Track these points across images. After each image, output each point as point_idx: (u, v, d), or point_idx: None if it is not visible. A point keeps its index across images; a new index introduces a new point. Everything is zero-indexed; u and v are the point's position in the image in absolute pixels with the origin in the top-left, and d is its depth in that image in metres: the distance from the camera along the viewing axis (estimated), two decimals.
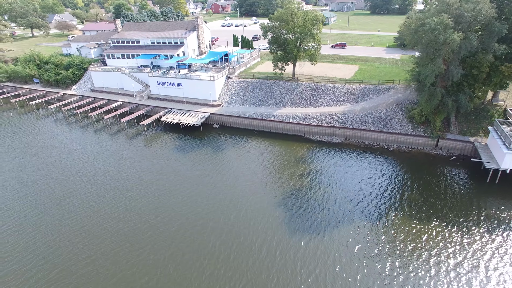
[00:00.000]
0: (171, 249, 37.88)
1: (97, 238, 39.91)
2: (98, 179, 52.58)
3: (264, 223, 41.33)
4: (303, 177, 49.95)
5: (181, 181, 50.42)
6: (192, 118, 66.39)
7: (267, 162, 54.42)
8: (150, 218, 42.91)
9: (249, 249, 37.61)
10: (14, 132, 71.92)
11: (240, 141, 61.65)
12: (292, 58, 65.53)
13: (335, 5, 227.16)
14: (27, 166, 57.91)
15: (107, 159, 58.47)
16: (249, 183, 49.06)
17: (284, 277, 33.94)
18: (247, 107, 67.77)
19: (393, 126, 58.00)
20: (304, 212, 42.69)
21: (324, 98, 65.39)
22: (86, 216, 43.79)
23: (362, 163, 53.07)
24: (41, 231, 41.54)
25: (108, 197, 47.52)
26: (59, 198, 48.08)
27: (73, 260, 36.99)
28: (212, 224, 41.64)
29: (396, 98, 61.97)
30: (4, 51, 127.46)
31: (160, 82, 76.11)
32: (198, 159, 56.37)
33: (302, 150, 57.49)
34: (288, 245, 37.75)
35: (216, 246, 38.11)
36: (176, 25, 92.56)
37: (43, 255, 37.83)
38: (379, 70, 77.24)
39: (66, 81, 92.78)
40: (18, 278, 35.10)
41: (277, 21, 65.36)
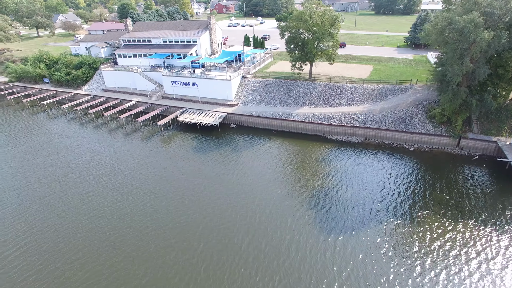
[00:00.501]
0: (200, 249, 37.46)
1: (123, 238, 39.42)
2: (118, 178, 52.13)
3: (291, 222, 41.00)
4: (326, 176, 49.69)
5: (203, 181, 50.00)
6: (209, 117, 65.99)
7: (288, 162, 54.12)
8: (176, 218, 42.49)
9: (278, 248, 37.28)
10: (28, 132, 71.39)
11: (259, 140, 61.31)
12: (310, 58, 65.16)
13: (339, 6, 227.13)
14: (45, 166, 57.39)
15: (125, 159, 58.01)
16: (272, 183, 48.73)
17: (316, 276, 33.66)
18: (264, 107, 67.43)
19: (414, 126, 57.77)
20: (329, 211, 42.45)
21: (342, 98, 65.12)
22: (110, 216, 43.32)
23: (384, 163, 52.83)
24: (66, 232, 41.00)
25: (130, 197, 47.06)
26: (80, 197, 47.58)
27: (100, 260, 36.51)
28: (239, 224, 41.27)
29: (415, 98, 61.75)
30: (12, 50, 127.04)
31: (174, 82, 75.70)
32: (218, 158, 55.98)
33: (322, 150, 57.19)
34: (317, 244, 37.49)
35: (245, 246, 37.74)
36: (188, 25, 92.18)
37: (68, 256, 37.32)
38: (394, 70, 77.07)
39: (77, 81, 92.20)
40: (50, 278, 34.61)
41: (296, 21, 64.90)
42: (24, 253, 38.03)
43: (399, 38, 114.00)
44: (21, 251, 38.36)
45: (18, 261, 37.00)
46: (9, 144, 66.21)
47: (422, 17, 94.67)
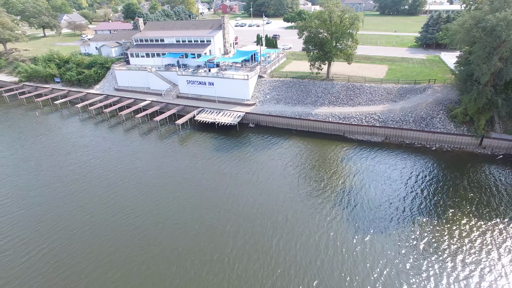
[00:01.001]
0: (230, 249, 37.15)
1: (151, 238, 39.01)
2: (140, 177, 51.79)
3: (322, 221, 40.80)
4: (349, 175, 49.60)
5: (226, 180, 49.73)
6: (227, 117, 65.75)
7: (309, 161, 53.96)
8: (201, 217, 42.16)
9: (315, 248, 37.04)
10: (43, 131, 71.00)
11: (278, 140, 61.10)
12: (330, 57, 65.03)
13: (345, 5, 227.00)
14: (64, 165, 57.05)
15: (145, 158, 57.70)
16: (295, 182, 48.58)
17: (350, 273, 33.56)
18: (282, 106, 67.24)
19: (435, 125, 57.67)
20: (355, 209, 42.43)
21: (361, 98, 65.00)
22: (135, 215, 42.97)
23: (406, 162, 52.74)
24: (93, 231, 40.64)
25: (154, 196, 46.72)
26: (103, 196, 47.21)
27: (130, 260, 36.17)
28: (266, 222, 41.04)
29: (435, 97, 61.67)
30: (20, 50, 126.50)
31: (190, 81, 75.43)
32: (239, 158, 55.72)
33: (343, 149, 57.03)
34: (347, 241, 37.45)
35: (275, 245, 37.51)
36: (200, 24, 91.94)
37: (98, 255, 36.99)
38: (409, 70, 77.00)
39: (89, 80, 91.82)
40: (82, 277, 34.28)
41: (315, 20, 64.77)
42: (55, 252, 37.73)
43: (409, 38, 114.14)
44: (51, 249, 38.05)
45: (50, 260, 36.68)
46: (25, 143, 65.81)
47: (434, 17, 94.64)
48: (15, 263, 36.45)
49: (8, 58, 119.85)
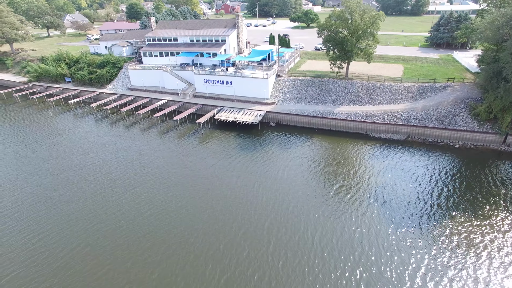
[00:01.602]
0: (271, 246, 37.03)
1: (189, 238, 38.66)
2: (167, 176, 51.48)
3: (355, 217, 40.90)
4: (376, 173, 49.77)
5: (255, 178, 49.59)
6: (248, 116, 65.65)
7: (335, 159, 54.01)
8: (238, 216, 41.98)
9: (351, 244, 37.07)
10: (59, 131, 70.38)
11: (301, 138, 61.12)
12: (351, 56, 65.22)
13: None
14: (85, 164, 56.59)
15: (168, 157, 57.42)
16: (325, 179, 48.72)
17: (396, 269, 33.58)
18: (303, 105, 67.28)
19: (458, 123, 58.03)
20: (387, 206, 42.52)
21: (381, 96, 65.23)
22: (168, 215, 42.64)
23: (431, 159, 53.04)
24: (127, 230, 40.22)
25: (185, 194, 46.47)
26: (132, 195, 46.83)
27: (172, 261, 35.85)
28: (304, 220, 41.02)
29: (456, 96, 62.06)
30: (27, 50, 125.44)
31: (207, 80, 75.22)
32: (264, 156, 55.63)
33: (368, 147, 57.17)
34: (387, 238, 37.52)
35: (316, 242, 37.45)
36: (214, 23, 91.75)
37: (136, 254, 36.63)
38: (425, 69, 77.40)
39: (101, 80, 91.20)
40: (122, 276, 33.96)
41: (336, 19, 64.91)
42: (91, 250, 37.32)
43: (417, 38, 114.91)
44: (87, 249, 37.61)
45: (88, 258, 36.28)
46: (43, 142, 65.21)
47: (446, 17, 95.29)
48: (55, 263, 36.01)
49: (15, 58, 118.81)
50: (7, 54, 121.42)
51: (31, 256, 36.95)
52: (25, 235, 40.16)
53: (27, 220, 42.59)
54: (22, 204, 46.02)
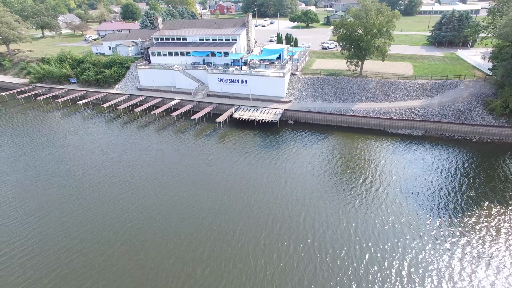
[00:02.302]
0: (315, 241, 37.43)
1: (229, 234, 38.75)
2: (193, 174, 51.11)
3: (387, 209, 41.79)
4: (399, 167, 50.86)
5: (284, 175, 49.85)
6: (267, 114, 65.97)
7: (358, 155, 54.81)
8: (275, 210, 42.21)
9: (387, 234, 37.88)
10: (72, 132, 69.13)
11: (321, 135, 61.78)
12: (367, 54, 66.36)
13: (339, 6, 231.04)
14: (108, 163, 55.91)
15: (190, 155, 57.13)
16: (352, 174, 49.41)
17: (436, 256, 34.45)
18: (320, 103, 68.02)
19: (473, 118, 59.77)
20: (418, 198, 43.60)
21: (397, 93, 66.56)
22: (205, 213, 42.55)
23: (451, 153, 54.48)
24: (168, 231, 40.04)
25: (216, 193, 46.24)
26: (163, 194, 46.50)
27: (218, 257, 35.90)
28: (342, 212, 41.55)
29: (469, 92, 63.88)
30: (24, 51, 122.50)
31: (221, 79, 75.18)
32: (288, 153, 55.96)
33: (388, 143, 58.25)
34: (418, 228, 38.45)
35: (358, 234, 38.02)
36: (223, 23, 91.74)
37: (180, 253, 36.53)
38: (433, 66, 79.24)
39: (109, 80, 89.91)
40: (163, 276, 33.78)
41: (352, 18, 65.91)
42: (127, 249, 36.92)
43: (418, 37, 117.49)
44: (123, 245, 37.24)
45: (127, 257, 35.89)
46: (57, 143, 64.04)
47: (448, 16, 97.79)
48: (96, 262, 35.50)
49: (13, 59, 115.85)
50: (3, 55, 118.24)
51: (70, 255, 36.32)
52: (64, 236, 39.40)
53: (61, 221, 41.80)
54: (50, 205, 45.15)
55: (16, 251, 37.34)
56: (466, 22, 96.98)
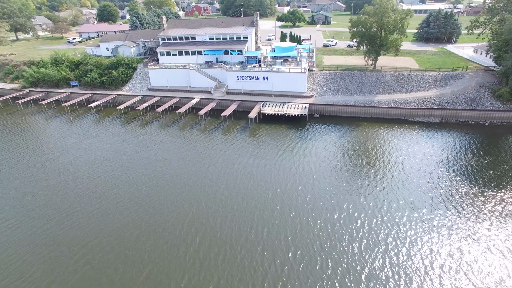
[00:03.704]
0: (361, 233, 39.38)
1: (276, 232, 39.88)
2: (230, 172, 51.17)
3: (421, 191, 45.42)
4: (430, 149, 55.52)
5: (329, 167, 52.12)
6: (294, 109, 68.12)
7: (388, 143, 58.21)
8: (321, 204, 43.90)
9: (427, 225, 41.55)
10: (92, 135, 66.94)
11: (349, 127, 64.94)
12: (386, 49, 70.85)
13: (315, 6, 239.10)
14: (148, 161, 55.29)
15: (230, 150, 57.68)
16: (387, 160, 52.96)
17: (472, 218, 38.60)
18: (342, 96, 71.40)
19: (484, 104, 66.15)
20: (450, 175, 48.06)
21: (411, 85, 71.65)
22: (261, 212, 43.68)
23: (467, 136, 60.14)
24: (221, 229, 40.78)
25: (253, 192, 46.42)
26: (215, 190, 46.80)
27: (262, 260, 37.52)
28: (383, 196, 44.66)
29: (475, 81, 70.43)
30: (6, 55, 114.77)
31: (240, 77, 76.20)
32: (326, 144, 58.23)
33: (411, 130, 62.61)
34: (457, 203, 42.44)
35: (403, 223, 41.12)
36: (229, 22, 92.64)
37: (230, 256, 37.68)
38: (433, 60, 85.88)
39: (116, 82, 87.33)
40: (209, 275, 34.87)
41: (369, 16, 70.01)
42: (203, 248, 37.46)
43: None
44: (193, 243, 37.64)
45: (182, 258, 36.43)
46: (84, 146, 62.02)
47: (434, 14, 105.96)
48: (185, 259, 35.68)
49: None
50: None
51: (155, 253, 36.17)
52: (139, 232, 38.92)
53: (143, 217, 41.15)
54: (125, 203, 44.08)
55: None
56: (451, 20, 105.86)
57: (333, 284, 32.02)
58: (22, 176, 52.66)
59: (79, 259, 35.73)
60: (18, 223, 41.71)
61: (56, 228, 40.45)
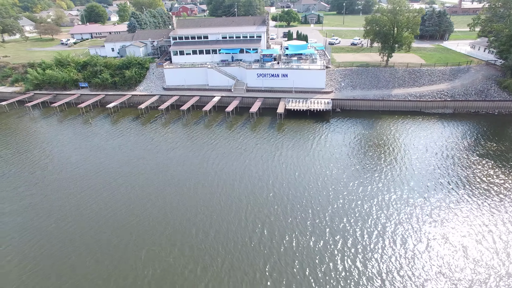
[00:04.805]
0: (393, 225, 43.22)
1: (319, 229, 42.83)
2: (273, 164, 52.74)
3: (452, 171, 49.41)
4: (448, 137, 59.64)
5: (366, 159, 54.98)
6: (318, 104, 70.54)
7: (412, 133, 61.90)
8: (365, 197, 47.14)
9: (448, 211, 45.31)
10: (116, 135, 66.53)
11: (372, 120, 68.09)
12: (400, 46, 74.87)
13: (300, 6, 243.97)
14: (177, 162, 55.54)
15: (262, 146, 58.91)
16: (410, 148, 56.55)
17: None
18: (360, 91, 74.66)
19: (492, 95, 71.47)
20: (469, 160, 52.11)
21: (423, 79, 76.06)
22: (306, 212, 45.96)
23: (480, 124, 65.27)
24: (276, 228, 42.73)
25: (303, 182, 48.21)
26: (266, 188, 48.59)
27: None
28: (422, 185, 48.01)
29: (481, 75, 75.79)
30: (0, 57, 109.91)
31: (260, 74, 77.80)
32: (356, 138, 61.08)
33: (428, 121, 66.72)
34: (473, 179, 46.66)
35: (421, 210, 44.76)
36: (240, 21, 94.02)
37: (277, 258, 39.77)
38: (436, 56, 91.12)
39: (130, 82, 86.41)
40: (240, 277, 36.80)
41: (383, 14, 73.78)
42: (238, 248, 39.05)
43: None
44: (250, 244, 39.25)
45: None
46: (112, 146, 61.62)
47: (429, 13, 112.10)
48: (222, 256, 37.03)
49: None
50: None
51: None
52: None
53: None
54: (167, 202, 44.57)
55: None
56: (444, 18, 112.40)
57: None
58: (63, 177, 51.73)
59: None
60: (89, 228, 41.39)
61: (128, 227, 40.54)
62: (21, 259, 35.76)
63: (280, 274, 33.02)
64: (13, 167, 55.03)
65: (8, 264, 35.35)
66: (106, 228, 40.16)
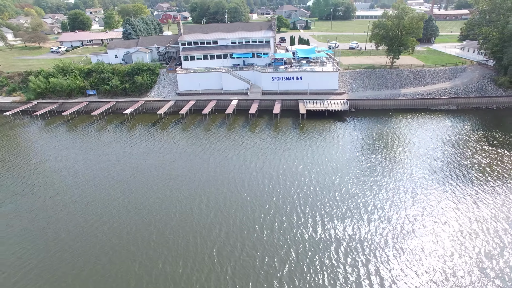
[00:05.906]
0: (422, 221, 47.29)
1: (340, 225, 46.13)
2: (314, 161, 55.24)
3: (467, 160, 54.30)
4: (452, 131, 64.61)
5: (394, 159, 58.73)
6: (336, 105, 73.91)
7: (426, 130, 66.33)
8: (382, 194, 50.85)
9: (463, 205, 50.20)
10: (137, 140, 66.50)
11: (385, 117, 72.15)
12: (406, 48, 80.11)
13: (282, 13, 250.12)
14: (222, 160, 56.78)
15: (292, 145, 61.03)
16: (423, 141, 61.00)
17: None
18: (371, 91, 79.00)
19: (489, 92, 78.20)
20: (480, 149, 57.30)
21: (427, 79, 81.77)
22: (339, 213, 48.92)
23: (482, 118, 70.95)
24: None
25: (344, 178, 51.41)
26: (292, 186, 50.98)
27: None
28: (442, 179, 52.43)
29: (477, 74, 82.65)
30: None
31: (275, 77, 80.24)
32: (379, 136, 64.76)
33: (436, 117, 71.69)
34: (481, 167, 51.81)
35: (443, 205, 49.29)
36: (246, 26, 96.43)
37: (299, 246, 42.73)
38: (432, 58, 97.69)
39: (141, 88, 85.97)
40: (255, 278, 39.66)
41: (391, 19, 78.82)
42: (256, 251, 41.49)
43: None
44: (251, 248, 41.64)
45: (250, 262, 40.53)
46: (133, 152, 61.39)
47: None
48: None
49: None
50: None
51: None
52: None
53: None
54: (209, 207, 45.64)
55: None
56: (430, 23, 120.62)
57: None
58: (97, 184, 51.21)
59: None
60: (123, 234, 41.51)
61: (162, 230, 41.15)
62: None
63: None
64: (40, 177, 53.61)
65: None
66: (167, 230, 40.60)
